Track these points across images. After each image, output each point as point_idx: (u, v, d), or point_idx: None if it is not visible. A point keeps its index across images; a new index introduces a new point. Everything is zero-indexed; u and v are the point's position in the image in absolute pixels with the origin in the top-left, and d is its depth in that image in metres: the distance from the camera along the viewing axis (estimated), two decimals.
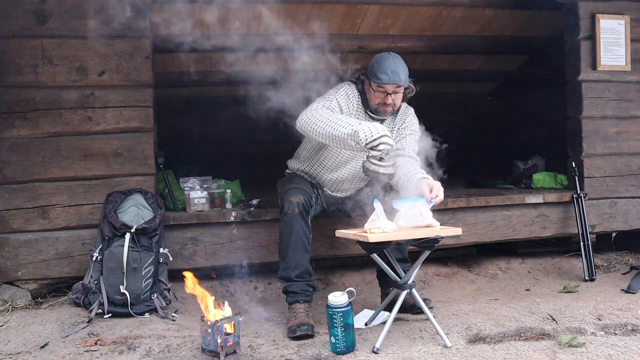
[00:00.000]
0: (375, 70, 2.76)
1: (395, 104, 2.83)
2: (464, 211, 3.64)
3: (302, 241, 2.74)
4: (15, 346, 2.50)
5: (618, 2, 3.90)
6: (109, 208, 3.02)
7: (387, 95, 2.78)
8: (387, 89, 2.76)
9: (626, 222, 3.96)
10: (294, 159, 3.17)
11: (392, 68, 2.74)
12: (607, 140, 3.90)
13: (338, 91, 2.87)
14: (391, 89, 2.77)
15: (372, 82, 2.78)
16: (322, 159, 2.97)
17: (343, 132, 2.49)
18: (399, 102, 2.87)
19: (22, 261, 3.15)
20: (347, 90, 2.88)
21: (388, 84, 2.75)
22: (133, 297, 2.86)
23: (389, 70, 2.73)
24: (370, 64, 2.82)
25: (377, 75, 2.75)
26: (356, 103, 2.88)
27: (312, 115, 2.66)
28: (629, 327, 2.60)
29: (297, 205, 2.73)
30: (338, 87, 2.91)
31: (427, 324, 2.60)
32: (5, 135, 3.14)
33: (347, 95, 2.86)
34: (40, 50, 3.14)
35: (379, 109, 2.83)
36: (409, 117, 3.00)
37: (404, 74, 2.77)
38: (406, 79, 2.79)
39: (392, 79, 2.73)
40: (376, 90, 2.78)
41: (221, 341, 2.27)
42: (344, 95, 2.86)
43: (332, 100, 2.81)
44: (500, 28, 4.79)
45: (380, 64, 2.76)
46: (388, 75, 2.73)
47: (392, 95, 2.78)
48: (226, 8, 4.05)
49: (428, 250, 2.50)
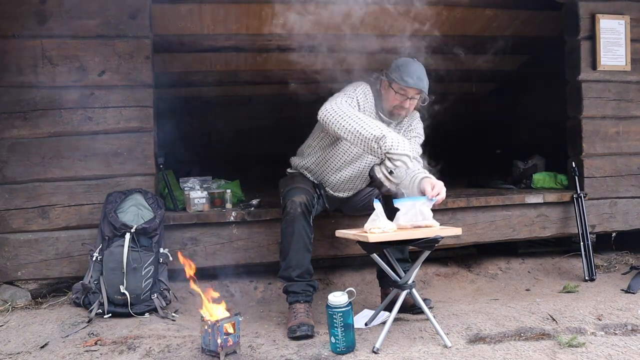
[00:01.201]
0: (401, 73, 2.76)
1: (410, 109, 2.85)
2: (464, 211, 3.64)
3: (304, 241, 2.73)
4: (15, 346, 2.50)
5: (618, 2, 3.90)
6: (109, 208, 3.02)
7: (407, 99, 2.79)
8: (408, 92, 2.77)
9: (626, 222, 3.96)
10: (297, 157, 3.16)
11: (418, 74, 2.76)
12: (607, 140, 3.90)
13: (357, 89, 2.87)
14: (412, 94, 2.78)
15: (393, 84, 2.79)
16: (327, 158, 2.96)
17: (370, 133, 2.50)
18: (413, 109, 2.89)
19: (22, 261, 3.15)
20: (365, 90, 2.89)
21: (411, 88, 2.75)
22: (133, 297, 2.86)
23: (414, 75, 2.75)
24: (394, 65, 2.83)
25: (403, 77, 2.75)
26: (370, 103, 2.89)
27: (339, 108, 2.67)
28: (629, 327, 2.60)
29: (299, 205, 2.72)
30: (356, 85, 2.91)
31: (427, 324, 2.60)
32: (5, 135, 3.14)
33: (364, 94, 2.87)
34: (40, 50, 3.14)
35: (394, 111, 2.84)
36: (414, 120, 3.03)
37: (426, 82, 2.79)
38: (428, 87, 2.81)
39: (417, 84, 2.75)
40: (397, 92, 2.79)
41: (221, 341, 2.27)
42: (362, 94, 2.87)
43: (353, 98, 2.83)
44: (500, 28, 4.79)
45: (407, 67, 2.77)
46: (414, 79, 2.74)
47: (410, 100, 2.80)
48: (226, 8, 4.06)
49: (428, 250, 2.50)
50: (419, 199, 2.51)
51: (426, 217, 2.46)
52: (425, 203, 2.49)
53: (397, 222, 2.47)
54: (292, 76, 5.31)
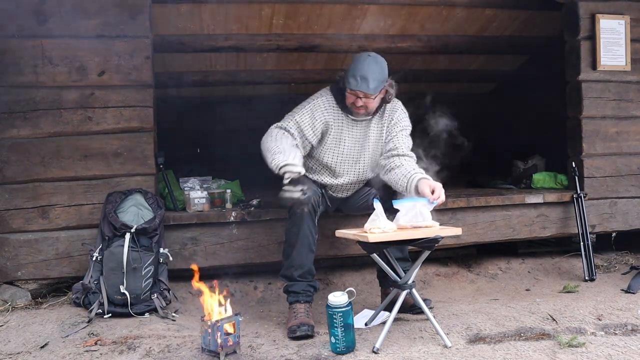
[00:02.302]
0: (348, 72, 2.73)
1: (368, 107, 2.79)
2: (464, 211, 3.64)
3: (308, 241, 2.73)
4: (15, 346, 2.50)
5: (618, 2, 3.89)
6: (109, 208, 3.02)
7: (357, 99, 2.75)
8: (356, 93, 2.73)
9: (626, 222, 3.95)
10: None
11: (362, 73, 2.68)
12: (607, 140, 3.90)
13: (304, 109, 2.86)
14: (360, 94, 2.73)
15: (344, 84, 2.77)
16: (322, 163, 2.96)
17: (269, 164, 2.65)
18: (373, 106, 2.82)
19: (22, 261, 3.14)
20: (322, 100, 2.86)
21: (354, 90, 2.72)
22: (133, 297, 2.86)
23: (358, 75, 2.68)
24: (350, 64, 2.78)
25: (348, 79, 2.71)
26: (332, 109, 2.86)
27: (263, 140, 2.80)
28: (629, 327, 2.60)
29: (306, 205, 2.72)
30: (313, 98, 2.90)
31: (427, 324, 2.60)
32: (5, 135, 3.14)
33: (319, 107, 2.84)
34: (40, 50, 3.14)
35: (352, 108, 2.82)
36: (397, 112, 2.95)
37: (374, 81, 2.69)
38: (376, 87, 2.71)
39: (359, 86, 2.68)
40: (349, 93, 2.77)
41: (221, 341, 2.27)
42: (309, 112, 2.84)
43: (291, 121, 2.83)
44: (500, 28, 4.79)
45: (355, 66, 2.72)
46: (357, 80, 2.68)
47: (363, 99, 2.74)
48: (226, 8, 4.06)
49: (428, 250, 2.50)
50: (418, 200, 2.51)
51: (426, 218, 2.46)
52: (426, 205, 2.49)
53: (397, 222, 2.47)
54: (292, 76, 5.31)
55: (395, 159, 2.84)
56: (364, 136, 2.92)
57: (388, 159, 2.87)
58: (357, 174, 2.98)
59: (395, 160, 2.84)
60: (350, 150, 2.92)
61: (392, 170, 2.81)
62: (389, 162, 2.85)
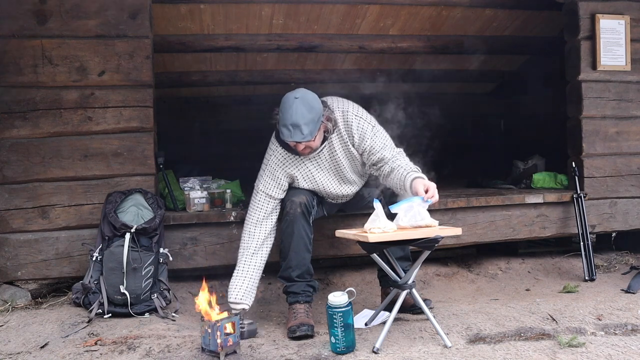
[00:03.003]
0: (279, 122, 2.56)
1: (312, 147, 2.64)
2: (464, 211, 3.64)
3: (304, 241, 2.74)
4: (15, 346, 2.50)
5: (618, 2, 3.89)
6: (109, 208, 3.02)
7: (297, 144, 2.59)
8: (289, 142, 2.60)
9: (626, 222, 3.96)
10: None
11: (293, 121, 2.49)
12: (607, 140, 3.90)
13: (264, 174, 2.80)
14: (292, 144, 2.60)
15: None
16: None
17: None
18: (317, 144, 2.66)
19: (22, 261, 3.14)
20: (272, 161, 2.77)
21: (290, 141, 2.57)
22: (133, 297, 2.86)
23: (289, 124, 2.50)
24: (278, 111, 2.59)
25: (280, 128, 2.55)
26: (286, 159, 2.76)
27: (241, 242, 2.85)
28: (629, 327, 2.60)
29: (299, 205, 2.73)
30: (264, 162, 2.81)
31: (427, 324, 2.60)
32: (5, 135, 3.14)
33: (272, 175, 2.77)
34: (40, 50, 3.14)
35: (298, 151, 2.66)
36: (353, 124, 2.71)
37: (306, 126, 2.50)
38: (311, 131, 2.52)
39: (292, 136, 2.52)
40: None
41: (221, 341, 2.27)
42: (270, 176, 2.77)
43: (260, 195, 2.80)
44: (500, 28, 4.79)
45: (284, 115, 2.53)
46: (289, 130, 2.51)
47: (303, 143, 2.57)
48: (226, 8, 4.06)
49: (428, 250, 2.50)
50: (413, 199, 2.50)
51: (424, 217, 2.46)
52: (421, 204, 2.48)
53: (397, 223, 2.47)
54: (292, 76, 5.32)
55: (385, 166, 2.74)
56: (331, 158, 2.80)
57: (379, 169, 2.78)
58: (347, 188, 2.94)
59: (386, 167, 2.74)
60: (327, 177, 2.84)
61: (387, 176, 2.74)
62: (382, 171, 2.77)
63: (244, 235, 2.82)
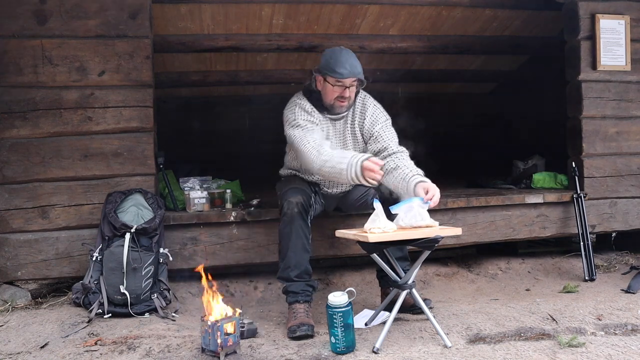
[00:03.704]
0: (332, 65, 2.74)
1: (351, 97, 2.84)
2: (464, 211, 3.64)
3: (302, 241, 2.74)
4: (15, 346, 2.50)
5: (618, 2, 3.89)
6: (109, 208, 3.02)
7: (345, 89, 2.77)
8: (345, 82, 2.76)
9: (626, 222, 3.96)
10: (284, 168, 3.16)
11: (350, 62, 2.74)
12: (607, 140, 3.90)
13: (295, 112, 2.84)
14: (349, 83, 2.76)
15: (328, 77, 2.77)
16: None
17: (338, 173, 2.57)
18: (354, 96, 2.88)
19: (22, 261, 3.14)
20: (301, 105, 2.86)
21: (347, 78, 2.74)
22: (133, 297, 2.86)
23: (347, 63, 2.73)
24: (325, 59, 2.80)
25: (336, 69, 2.73)
26: (315, 112, 2.86)
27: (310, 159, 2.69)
28: (629, 327, 2.60)
29: (296, 205, 2.73)
30: (291, 108, 2.88)
31: (427, 324, 2.60)
32: (5, 135, 3.14)
33: (304, 110, 2.85)
34: (40, 50, 3.14)
35: (335, 104, 2.83)
36: (368, 109, 2.94)
37: (359, 66, 2.77)
38: (361, 71, 2.78)
39: (351, 72, 2.73)
40: (334, 85, 2.78)
41: (221, 341, 2.27)
42: (302, 111, 2.84)
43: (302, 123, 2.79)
44: (500, 28, 4.79)
45: (337, 59, 2.75)
46: (347, 69, 2.72)
47: (349, 88, 2.79)
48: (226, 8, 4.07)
49: (428, 250, 2.50)
50: (413, 199, 2.50)
51: (425, 217, 2.46)
52: (421, 205, 2.49)
53: (397, 224, 2.47)
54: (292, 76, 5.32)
55: (389, 159, 2.82)
56: (343, 133, 2.96)
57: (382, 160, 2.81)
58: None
59: (390, 161, 2.81)
60: (336, 147, 2.92)
61: (389, 173, 2.77)
62: (386, 165, 2.80)
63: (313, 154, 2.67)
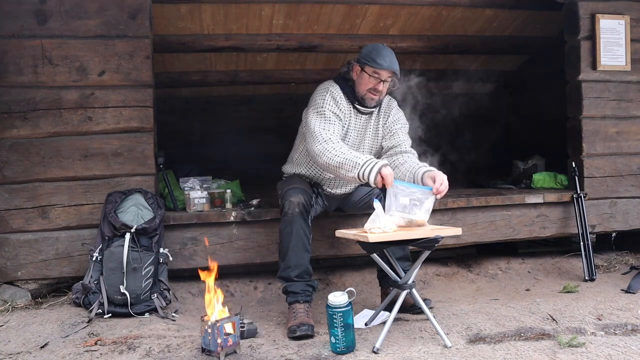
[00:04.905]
0: (373, 56, 2.81)
1: (383, 92, 2.88)
2: (464, 211, 3.64)
3: (302, 241, 2.74)
4: (15, 346, 2.50)
5: (618, 2, 3.90)
6: (109, 208, 3.02)
7: (380, 82, 2.82)
8: (382, 75, 2.81)
9: (626, 222, 3.96)
10: (288, 164, 3.17)
11: (390, 57, 2.82)
12: (607, 140, 3.90)
13: (325, 99, 2.85)
14: (385, 76, 2.82)
15: (366, 67, 2.82)
16: None
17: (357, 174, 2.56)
18: (385, 93, 2.92)
19: (22, 261, 3.14)
20: (332, 93, 2.88)
21: (385, 70, 2.79)
22: (133, 297, 2.86)
23: (387, 57, 2.80)
24: (367, 51, 2.86)
25: (376, 60, 2.79)
26: (343, 101, 2.89)
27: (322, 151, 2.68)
28: (629, 327, 2.60)
29: (297, 205, 2.73)
30: (322, 93, 2.89)
31: (427, 324, 2.60)
32: (5, 135, 3.14)
33: (334, 99, 2.86)
34: (40, 50, 3.14)
35: (366, 95, 2.86)
36: (393, 110, 3.03)
37: (397, 64, 2.84)
38: (398, 70, 2.85)
39: (390, 66, 2.80)
40: (371, 75, 2.82)
41: (221, 341, 2.27)
42: (331, 98, 2.86)
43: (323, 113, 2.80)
44: (500, 28, 4.79)
45: (379, 52, 2.82)
46: (387, 62, 2.79)
47: (384, 82, 2.84)
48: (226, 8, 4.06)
49: (428, 250, 2.50)
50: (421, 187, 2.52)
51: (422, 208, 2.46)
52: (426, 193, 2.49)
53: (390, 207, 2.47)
54: (292, 76, 5.32)
55: (399, 156, 2.91)
56: (364, 129, 2.97)
57: (391, 156, 2.92)
58: None
59: (399, 157, 2.90)
60: (352, 141, 2.96)
61: (396, 167, 2.85)
62: (392, 160, 2.89)
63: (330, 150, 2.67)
